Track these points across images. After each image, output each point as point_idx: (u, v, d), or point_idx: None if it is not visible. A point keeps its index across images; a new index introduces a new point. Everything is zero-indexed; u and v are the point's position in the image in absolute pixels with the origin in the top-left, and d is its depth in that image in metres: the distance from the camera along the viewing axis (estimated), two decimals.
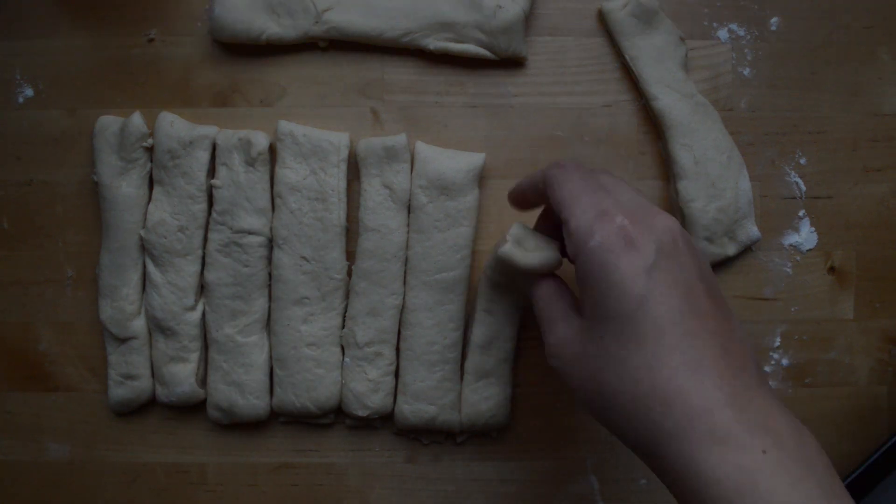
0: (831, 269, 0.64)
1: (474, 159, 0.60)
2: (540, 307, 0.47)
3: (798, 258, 0.64)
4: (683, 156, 0.60)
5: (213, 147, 0.60)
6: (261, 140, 0.59)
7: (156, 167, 0.60)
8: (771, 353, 0.64)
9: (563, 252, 0.49)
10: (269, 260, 0.60)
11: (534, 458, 0.63)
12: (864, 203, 0.64)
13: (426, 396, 0.60)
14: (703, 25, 0.63)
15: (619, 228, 0.39)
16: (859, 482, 0.61)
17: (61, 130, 0.62)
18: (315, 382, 0.60)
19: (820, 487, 0.34)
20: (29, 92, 0.62)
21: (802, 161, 0.63)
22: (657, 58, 0.61)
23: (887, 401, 0.64)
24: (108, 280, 0.60)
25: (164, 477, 0.63)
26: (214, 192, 0.59)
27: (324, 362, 0.60)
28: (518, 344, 0.61)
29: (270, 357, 0.61)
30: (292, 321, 0.60)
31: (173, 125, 0.59)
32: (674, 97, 0.61)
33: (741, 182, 0.62)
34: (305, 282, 0.59)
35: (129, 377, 0.61)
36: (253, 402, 0.60)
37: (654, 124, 0.63)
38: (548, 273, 0.48)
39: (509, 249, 0.48)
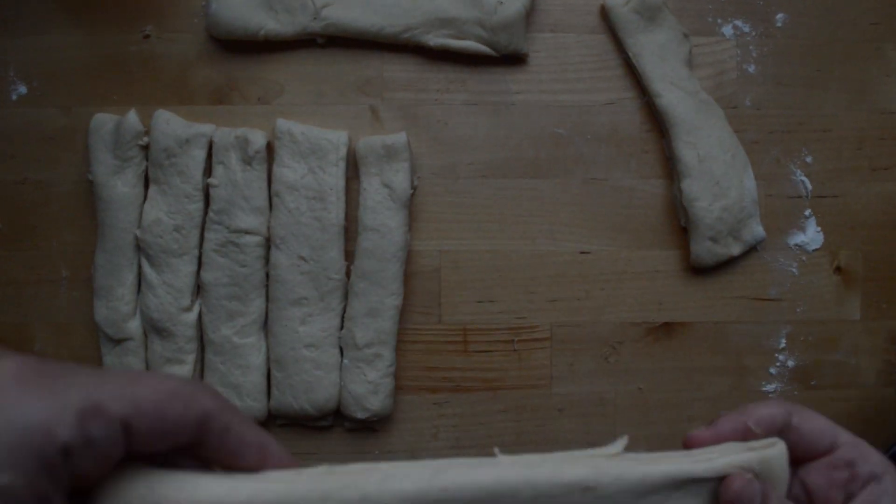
0: (837, 269, 0.63)
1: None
2: None
3: (804, 258, 0.63)
4: (687, 154, 0.60)
5: (210, 145, 0.59)
6: (258, 138, 0.58)
7: (151, 166, 0.59)
8: (776, 355, 0.63)
9: None
10: (267, 260, 0.59)
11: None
12: (871, 202, 0.63)
13: None
14: (708, 22, 0.62)
15: None
16: None
17: (56, 128, 0.61)
18: (313, 384, 0.59)
19: None
20: (22, 89, 0.61)
21: (808, 159, 0.63)
22: (660, 55, 0.60)
23: (895, 403, 0.64)
24: (103, 280, 0.59)
25: None
26: (211, 191, 0.59)
27: (322, 364, 0.59)
28: None
29: (268, 358, 0.60)
30: (290, 322, 0.59)
31: (169, 123, 0.58)
32: (677, 94, 0.60)
33: (746, 181, 0.61)
34: (303, 282, 0.59)
35: None
36: (250, 404, 0.59)
37: (657, 122, 0.62)
38: None
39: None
